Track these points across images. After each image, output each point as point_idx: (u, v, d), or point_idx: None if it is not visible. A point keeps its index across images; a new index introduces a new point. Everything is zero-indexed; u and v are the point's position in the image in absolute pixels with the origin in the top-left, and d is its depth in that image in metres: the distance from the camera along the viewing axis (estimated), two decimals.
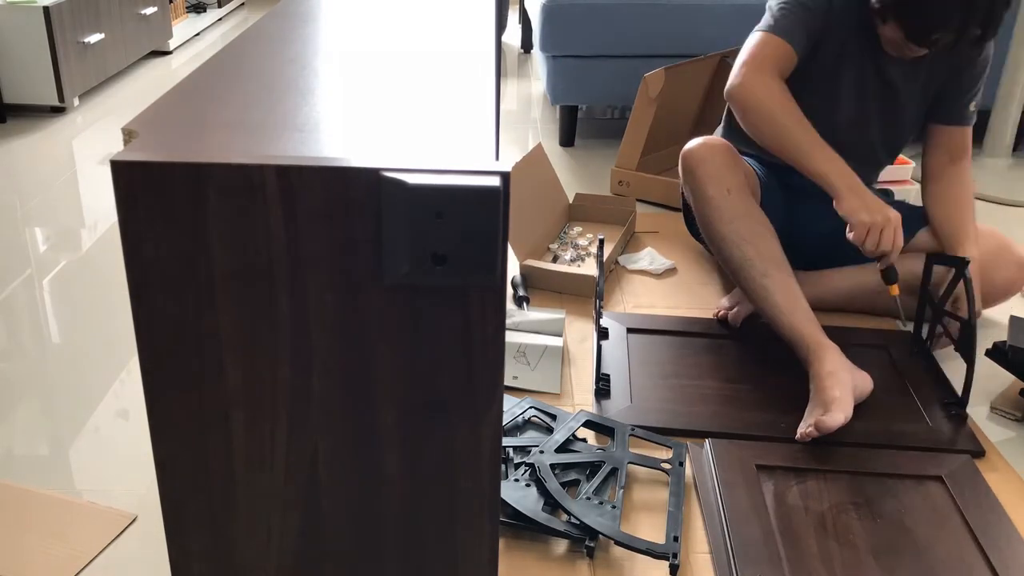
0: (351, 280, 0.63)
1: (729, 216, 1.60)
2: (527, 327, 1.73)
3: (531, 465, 1.31)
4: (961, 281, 1.53)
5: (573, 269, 1.90)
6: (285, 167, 0.60)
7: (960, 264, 1.53)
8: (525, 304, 1.77)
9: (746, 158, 1.83)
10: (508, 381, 1.58)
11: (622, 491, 1.29)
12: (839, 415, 1.39)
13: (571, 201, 2.26)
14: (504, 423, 1.42)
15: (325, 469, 0.70)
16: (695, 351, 1.68)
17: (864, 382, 1.50)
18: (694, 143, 1.68)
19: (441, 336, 0.65)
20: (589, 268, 1.96)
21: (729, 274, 1.65)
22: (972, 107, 1.71)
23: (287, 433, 0.69)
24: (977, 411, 1.55)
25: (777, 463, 1.36)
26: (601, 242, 1.62)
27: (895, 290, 1.59)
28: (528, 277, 1.91)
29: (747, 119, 1.60)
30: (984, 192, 2.48)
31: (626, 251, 2.09)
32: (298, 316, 0.65)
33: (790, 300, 1.55)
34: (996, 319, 1.84)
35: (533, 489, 1.28)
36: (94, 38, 3.13)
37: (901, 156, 2.39)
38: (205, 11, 4.42)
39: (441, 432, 0.69)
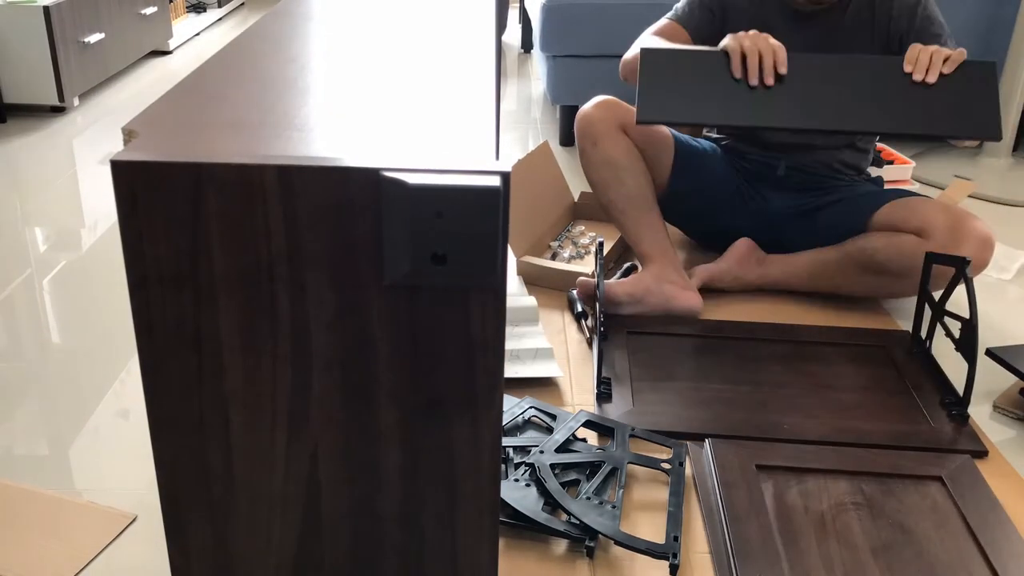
0: (351, 280, 0.63)
1: (595, 165, 1.86)
2: None
3: (531, 465, 1.31)
4: (961, 280, 1.53)
5: (570, 266, 1.90)
6: (285, 167, 0.60)
7: (960, 264, 1.53)
8: (583, 320, 1.77)
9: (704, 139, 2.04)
10: (509, 373, 1.58)
11: (622, 491, 1.29)
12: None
13: (576, 200, 2.26)
14: (504, 423, 1.42)
15: (325, 469, 0.70)
16: (695, 352, 1.68)
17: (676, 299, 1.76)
18: (585, 108, 1.86)
19: (441, 336, 0.65)
20: (588, 266, 1.96)
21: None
22: None
23: (287, 433, 0.69)
24: (978, 411, 1.55)
25: (777, 463, 1.36)
26: (600, 244, 1.61)
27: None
28: (525, 273, 1.91)
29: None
30: (984, 192, 2.48)
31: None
32: (298, 316, 0.65)
33: (639, 228, 1.83)
34: (996, 319, 1.83)
35: (533, 489, 1.28)
36: (94, 38, 3.13)
37: (901, 156, 2.39)
38: (205, 11, 4.42)
39: (441, 432, 0.69)
